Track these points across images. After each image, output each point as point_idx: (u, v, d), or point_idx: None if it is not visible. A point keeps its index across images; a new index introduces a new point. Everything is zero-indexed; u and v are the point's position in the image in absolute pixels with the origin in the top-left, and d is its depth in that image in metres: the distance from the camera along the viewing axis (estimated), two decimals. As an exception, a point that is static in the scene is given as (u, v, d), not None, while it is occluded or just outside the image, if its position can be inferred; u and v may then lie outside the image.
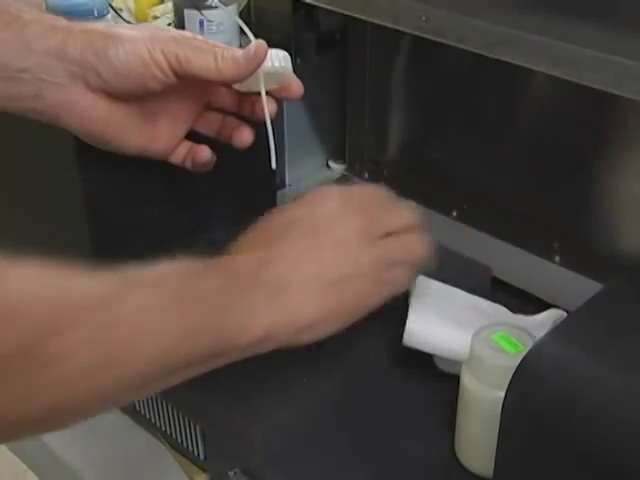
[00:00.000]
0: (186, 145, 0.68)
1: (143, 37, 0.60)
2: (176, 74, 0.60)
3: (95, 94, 0.62)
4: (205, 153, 0.67)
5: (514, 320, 0.71)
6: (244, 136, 0.68)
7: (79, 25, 0.62)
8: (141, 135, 0.65)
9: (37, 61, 0.61)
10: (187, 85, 0.63)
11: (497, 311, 0.71)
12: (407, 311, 0.67)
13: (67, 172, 0.74)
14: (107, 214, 0.74)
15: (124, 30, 0.61)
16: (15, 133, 0.83)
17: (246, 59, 0.60)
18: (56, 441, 0.74)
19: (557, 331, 0.53)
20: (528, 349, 0.52)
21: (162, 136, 0.66)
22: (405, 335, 0.66)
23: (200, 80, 0.62)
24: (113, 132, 0.64)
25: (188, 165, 0.68)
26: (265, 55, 0.61)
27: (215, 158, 0.69)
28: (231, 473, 0.64)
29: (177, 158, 0.68)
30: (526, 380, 0.51)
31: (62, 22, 0.62)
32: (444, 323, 0.66)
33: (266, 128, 0.64)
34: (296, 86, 0.67)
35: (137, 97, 0.63)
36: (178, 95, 0.65)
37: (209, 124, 0.68)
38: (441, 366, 0.68)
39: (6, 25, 0.61)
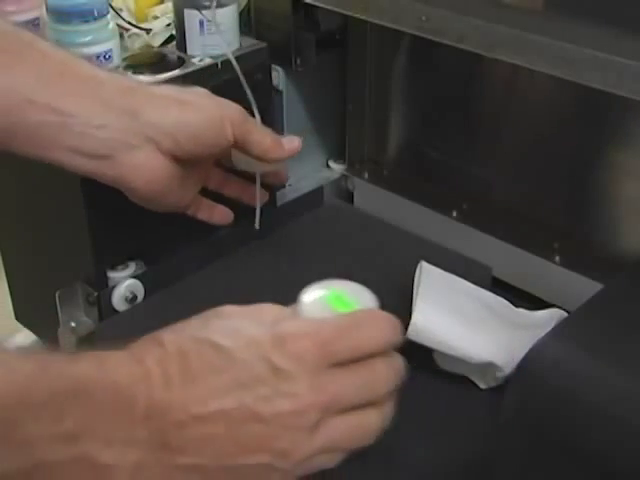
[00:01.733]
0: (206, 203, 0.75)
1: (215, 104, 0.67)
2: (235, 143, 0.66)
3: (165, 157, 0.64)
4: (224, 215, 0.76)
5: (516, 314, 0.71)
6: (225, 216, 0.76)
7: (153, 88, 0.66)
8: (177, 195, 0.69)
9: (115, 119, 0.61)
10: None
11: (501, 304, 0.71)
12: (407, 305, 0.67)
13: (67, 173, 0.74)
14: (107, 215, 0.74)
15: (196, 97, 0.67)
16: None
17: (289, 148, 0.71)
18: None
19: (557, 331, 0.53)
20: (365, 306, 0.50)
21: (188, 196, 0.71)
22: (409, 329, 0.65)
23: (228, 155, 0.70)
24: (168, 192, 0.67)
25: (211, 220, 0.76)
26: (299, 149, 0.72)
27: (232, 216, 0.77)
28: None
29: (203, 215, 0.75)
30: (526, 380, 0.51)
31: (137, 83, 0.66)
32: (448, 318, 0.66)
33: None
34: (285, 174, 0.79)
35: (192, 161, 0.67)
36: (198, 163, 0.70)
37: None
38: (442, 364, 0.68)
39: (83, 83, 0.61)
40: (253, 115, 0.73)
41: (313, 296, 0.51)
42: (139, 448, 0.41)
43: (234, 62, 0.76)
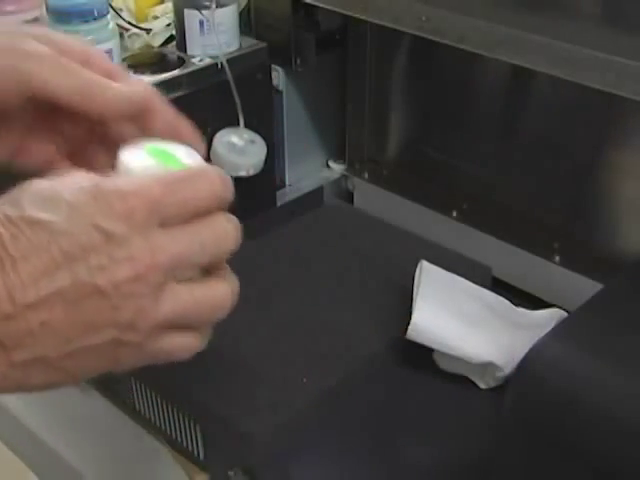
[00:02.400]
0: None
1: None
2: None
3: None
4: None
5: (517, 314, 0.71)
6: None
7: None
8: None
9: None
10: None
11: (501, 304, 0.71)
12: (407, 305, 0.67)
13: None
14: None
15: None
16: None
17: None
18: (56, 441, 0.74)
19: (557, 331, 0.53)
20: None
21: None
22: (409, 329, 0.65)
23: None
24: None
25: None
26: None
27: None
28: (231, 473, 0.64)
29: None
30: (526, 380, 0.51)
31: None
32: (448, 318, 0.66)
33: None
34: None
35: None
36: None
37: None
38: (442, 364, 0.68)
39: None
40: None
41: (134, 151, 0.46)
42: None
43: (226, 67, 0.76)
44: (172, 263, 0.41)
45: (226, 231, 0.44)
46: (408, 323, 0.65)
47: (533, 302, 0.76)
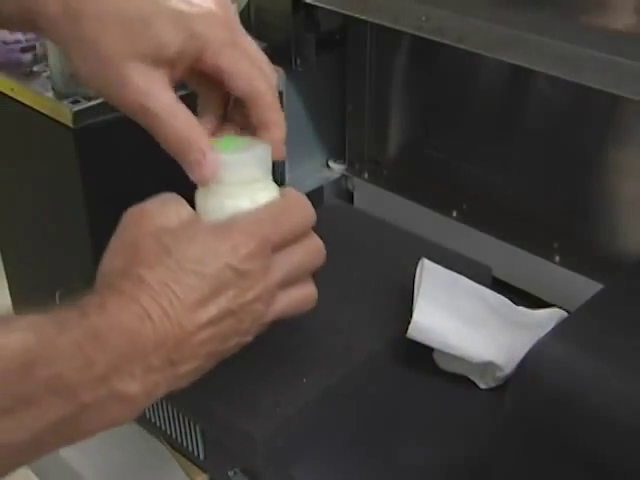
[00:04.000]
0: None
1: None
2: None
3: None
4: None
5: (517, 313, 0.71)
6: None
7: None
8: None
9: None
10: None
11: (502, 303, 0.71)
12: (407, 305, 0.67)
13: (67, 173, 0.74)
14: (107, 215, 0.74)
15: None
16: (15, 132, 0.83)
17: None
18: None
19: (557, 331, 0.53)
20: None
21: None
22: (410, 328, 0.65)
23: None
24: None
25: None
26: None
27: None
28: (231, 473, 0.64)
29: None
30: (526, 380, 0.51)
31: None
32: (449, 317, 0.66)
33: None
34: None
35: None
36: None
37: None
38: (442, 364, 0.68)
39: None
40: None
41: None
42: (155, 373, 0.49)
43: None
44: (280, 283, 0.54)
45: (317, 248, 0.57)
46: (408, 323, 0.65)
47: (533, 302, 0.76)
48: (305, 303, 0.58)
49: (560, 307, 0.72)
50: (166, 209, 0.55)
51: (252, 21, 0.88)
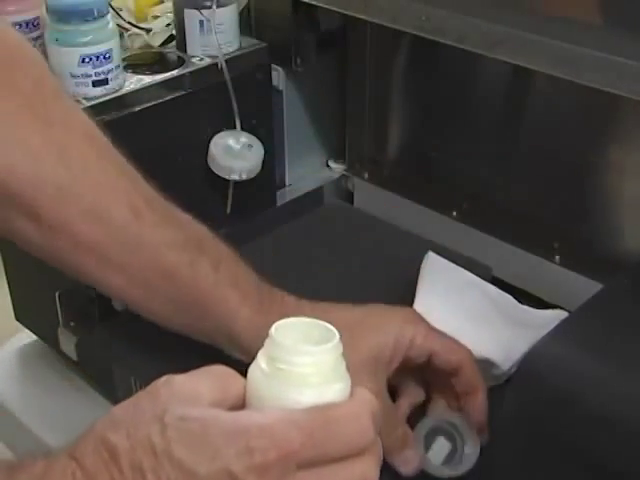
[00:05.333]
0: None
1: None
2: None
3: None
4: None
5: (520, 311, 0.71)
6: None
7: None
8: None
9: None
10: None
11: (505, 300, 0.71)
12: (407, 305, 0.67)
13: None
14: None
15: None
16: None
17: None
18: (57, 441, 0.74)
19: (557, 331, 0.53)
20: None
21: None
22: None
23: None
24: None
25: None
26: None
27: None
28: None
29: None
30: (526, 380, 0.51)
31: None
32: (450, 311, 0.66)
33: None
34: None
35: None
36: None
37: None
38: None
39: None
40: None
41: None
42: None
43: (225, 68, 0.76)
44: None
45: (364, 476, 0.42)
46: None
47: (533, 302, 0.76)
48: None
49: (560, 307, 0.72)
50: (200, 381, 0.43)
51: (252, 21, 0.87)
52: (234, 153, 0.79)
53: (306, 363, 0.42)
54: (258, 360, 0.43)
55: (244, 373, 0.43)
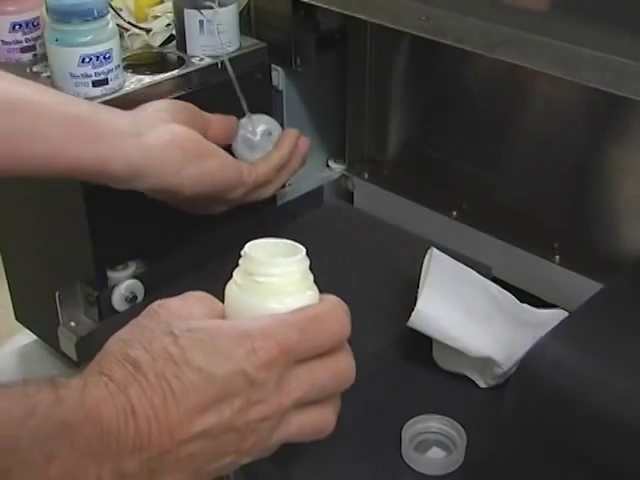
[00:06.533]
0: None
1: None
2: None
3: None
4: None
5: (522, 310, 0.71)
6: None
7: None
8: None
9: None
10: None
11: (507, 299, 0.71)
12: (407, 305, 0.67)
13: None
14: (107, 215, 0.74)
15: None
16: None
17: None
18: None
19: (557, 331, 0.53)
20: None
21: None
22: (412, 316, 0.65)
23: None
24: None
25: None
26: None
27: None
28: (231, 473, 0.64)
29: None
30: (526, 380, 0.51)
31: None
32: (452, 309, 0.66)
33: None
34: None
35: None
36: None
37: None
38: (441, 364, 0.68)
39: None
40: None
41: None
42: (129, 479, 0.43)
43: (228, 65, 0.76)
44: (295, 403, 0.48)
45: (346, 369, 0.51)
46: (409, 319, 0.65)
47: (533, 302, 0.76)
48: (320, 430, 0.51)
49: (560, 307, 0.72)
50: (189, 302, 0.50)
51: (252, 21, 0.87)
52: (251, 144, 0.79)
53: (281, 273, 0.50)
54: (235, 277, 0.51)
55: None
